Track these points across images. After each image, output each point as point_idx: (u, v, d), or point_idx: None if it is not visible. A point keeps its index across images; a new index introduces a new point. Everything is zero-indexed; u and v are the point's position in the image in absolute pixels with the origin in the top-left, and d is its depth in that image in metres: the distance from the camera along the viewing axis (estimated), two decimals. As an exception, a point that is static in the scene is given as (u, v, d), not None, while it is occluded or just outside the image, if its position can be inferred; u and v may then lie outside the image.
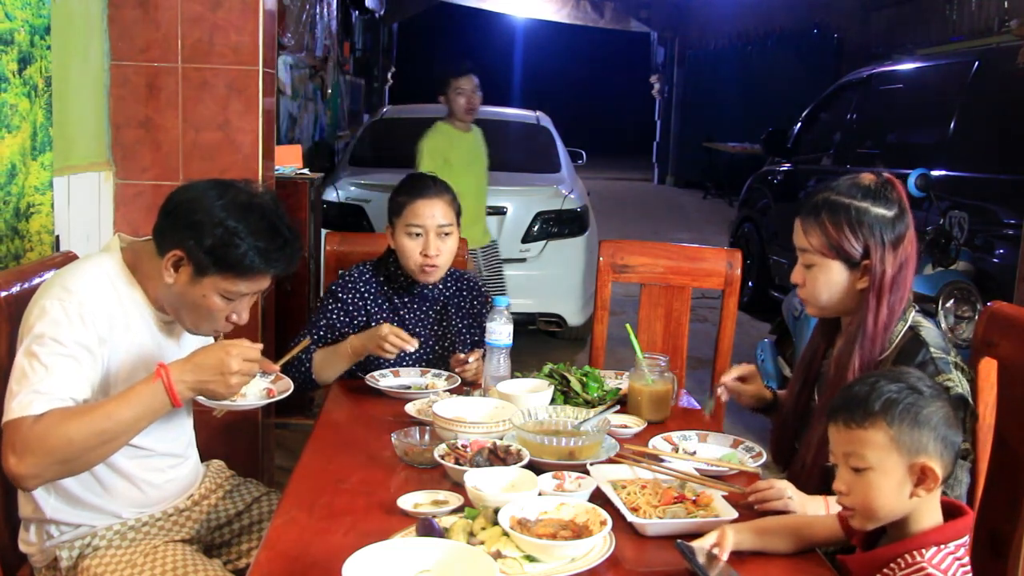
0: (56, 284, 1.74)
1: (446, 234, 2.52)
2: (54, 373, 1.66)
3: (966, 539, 1.45)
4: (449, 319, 2.64)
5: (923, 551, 1.41)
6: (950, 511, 1.48)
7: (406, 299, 2.60)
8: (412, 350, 2.36)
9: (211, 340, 2.08)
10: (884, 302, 1.86)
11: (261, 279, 1.83)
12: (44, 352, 1.66)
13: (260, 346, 1.80)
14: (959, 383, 1.78)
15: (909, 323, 1.88)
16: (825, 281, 1.91)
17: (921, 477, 1.41)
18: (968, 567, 1.44)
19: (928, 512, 1.45)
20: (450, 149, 4.76)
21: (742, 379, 2.21)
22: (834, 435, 1.48)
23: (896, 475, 1.42)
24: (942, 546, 1.41)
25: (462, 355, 2.47)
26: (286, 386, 2.05)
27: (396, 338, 2.32)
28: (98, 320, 1.73)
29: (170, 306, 1.86)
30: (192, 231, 1.76)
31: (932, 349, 1.82)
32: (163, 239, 1.81)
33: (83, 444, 1.62)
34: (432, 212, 2.50)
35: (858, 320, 1.89)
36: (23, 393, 1.63)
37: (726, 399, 2.22)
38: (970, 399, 1.78)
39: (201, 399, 1.86)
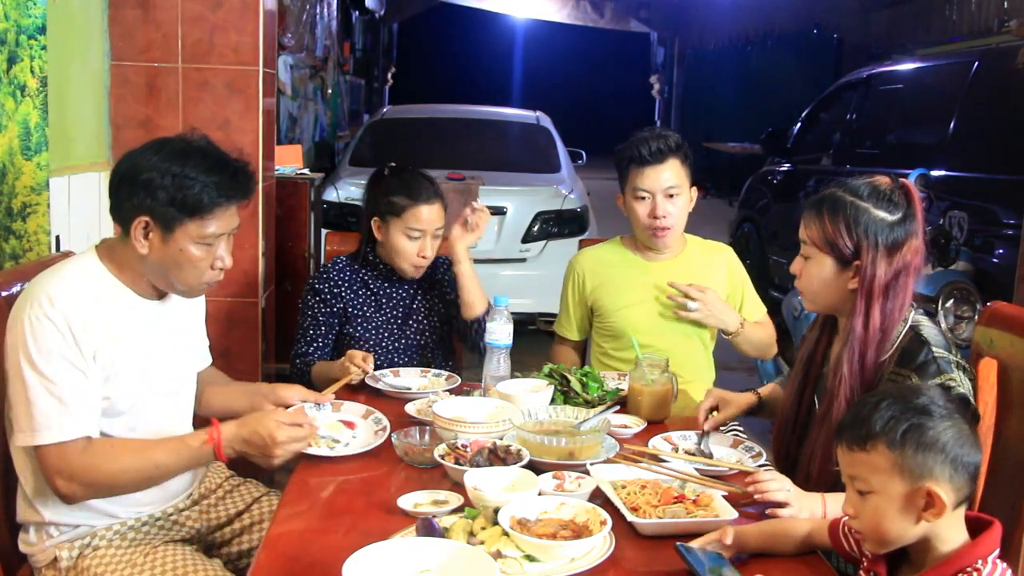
0: (41, 295, 1.74)
1: (439, 235, 2.61)
2: (76, 393, 1.72)
3: (997, 550, 1.39)
4: (423, 296, 2.72)
5: (980, 565, 1.33)
6: (972, 524, 1.40)
7: (381, 283, 2.67)
8: (367, 371, 2.34)
9: (203, 300, 2.11)
10: (876, 306, 1.83)
11: (227, 214, 1.84)
12: (53, 371, 1.70)
13: (311, 423, 1.88)
14: (961, 383, 1.76)
15: (909, 323, 1.85)
16: (817, 275, 1.91)
17: (928, 502, 1.33)
18: None
19: (953, 530, 1.37)
20: None
21: (716, 408, 2.18)
22: (840, 456, 1.44)
23: (899, 500, 1.35)
24: (987, 558, 1.34)
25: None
26: (358, 410, 2.11)
27: (359, 361, 2.32)
28: (88, 325, 1.75)
29: (155, 276, 1.87)
30: (144, 191, 1.78)
31: (934, 348, 1.79)
32: (122, 213, 1.82)
33: (128, 484, 1.80)
34: (432, 217, 2.58)
35: (851, 324, 1.87)
36: (54, 416, 1.69)
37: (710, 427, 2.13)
38: (972, 399, 1.76)
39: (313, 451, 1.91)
